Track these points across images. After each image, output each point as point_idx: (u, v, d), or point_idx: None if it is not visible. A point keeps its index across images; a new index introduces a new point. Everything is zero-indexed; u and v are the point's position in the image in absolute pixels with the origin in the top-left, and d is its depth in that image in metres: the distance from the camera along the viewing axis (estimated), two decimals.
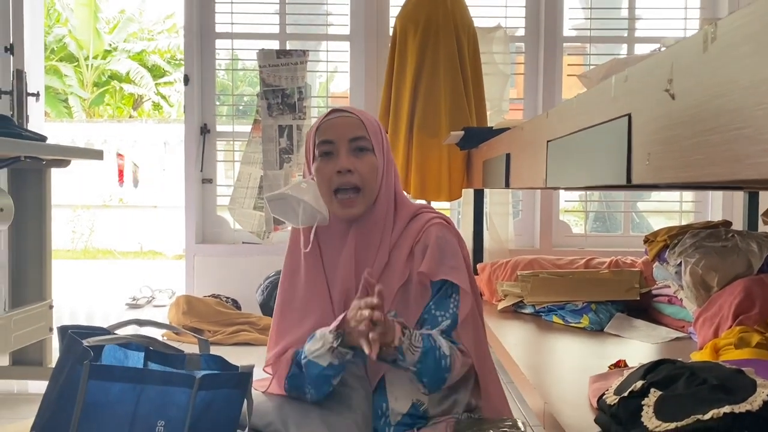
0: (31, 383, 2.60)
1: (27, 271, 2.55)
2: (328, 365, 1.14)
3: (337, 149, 1.23)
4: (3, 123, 2.19)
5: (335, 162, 1.23)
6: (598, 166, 1.05)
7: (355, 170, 1.22)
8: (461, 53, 3.10)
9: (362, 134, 1.24)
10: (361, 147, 1.24)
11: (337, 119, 1.26)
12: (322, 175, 1.24)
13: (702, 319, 1.79)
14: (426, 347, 1.12)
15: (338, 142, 1.23)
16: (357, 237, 1.25)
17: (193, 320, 3.27)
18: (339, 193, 1.23)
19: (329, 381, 1.17)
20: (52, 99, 12.30)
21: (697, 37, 0.72)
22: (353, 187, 1.22)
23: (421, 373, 1.13)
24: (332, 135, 1.24)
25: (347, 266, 1.24)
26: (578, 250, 3.64)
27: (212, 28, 3.81)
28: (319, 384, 1.17)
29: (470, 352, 1.20)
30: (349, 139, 1.23)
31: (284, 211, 1.26)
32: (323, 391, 1.18)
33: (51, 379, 1.07)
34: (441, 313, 1.21)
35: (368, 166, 1.24)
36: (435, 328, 1.19)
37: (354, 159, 1.23)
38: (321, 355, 1.14)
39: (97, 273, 6.48)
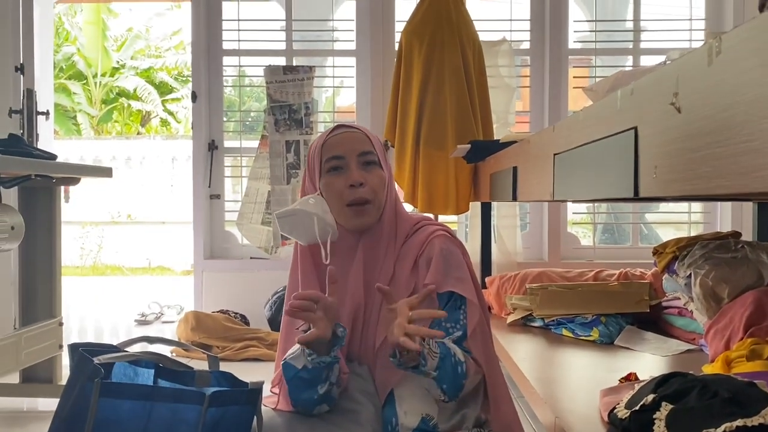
0: (41, 401, 2.60)
1: (37, 288, 2.56)
2: (303, 368, 1.13)
3: (346, 164, 1.24)
4: (14, 142, 2.21)
5: (346, 176, 1.24)
6: (605, 179, 1.05)
7: (366, 183, 1.23)
8: (467, 67, 3.12)
9: (370, 149, 1.26)
10: (370, 161, 1.25)
11: (344, 134, 1.27)
12: (333, 189, 1.24)
13: (713, 331, 1.77)
14: (443, 353, 1.13)
15: (347, 156, 1.24)
16: (365, 251, 1.26)
17: (201, 336, 3.27)
18: (351, 206, 1.24)
19: (309, 386, 1.15)
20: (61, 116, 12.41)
21: (702, 50, 0.72)
22: (365, 201, 1.23)
23: (441, 379, 1.13)
24: (341, 150, 1.25)
25: (356, 281, 1.24)
26: (587, 262, 3.63)
27: (219, 45, 3.85)
28: (298, 388, 1.16)
29: (481, 363, 1.20)
30: (358, 153, 1.25)
31: (293, 228, 1.26)
32: (304, 398, 1.16)
33: (62, 396, 1.07)
34: (451, 324, 1.21)
35: (378, 179, 1.25)
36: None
37: (364, 173, 1.24)
38: (296, 357, 1.15)
39: (105, 289, 6.50)
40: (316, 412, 1.20)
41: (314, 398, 1.16)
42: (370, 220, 1.25)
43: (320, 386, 1.15)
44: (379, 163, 1.27)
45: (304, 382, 1.15)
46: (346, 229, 1.27)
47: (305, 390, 1.16)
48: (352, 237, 1.27)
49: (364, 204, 1.23)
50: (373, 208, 1.25)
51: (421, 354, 1.09)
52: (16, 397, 2.58)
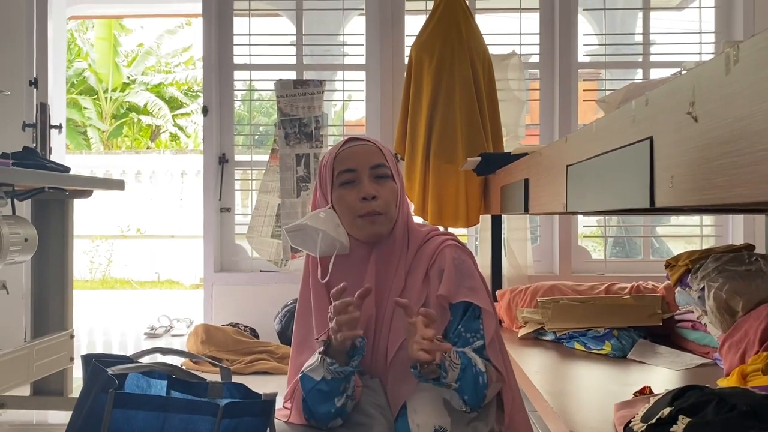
0: (51, 413, 2.60)
1: (49, 300, 2.57)
2: (321, 379, 1.14)
3: (359, 177, 1.24)
4: (28, 155, 2.23)
5: (358, 189, 1.24)
6: (620, 190, 1.05)
7: (379, 196, 1.23)
8: (476, 80, 3.13)
9: (382, 161, 1.26)
10: (382, 174, 1.26)
11: (356, 147, 1.27)
12: (345, 202, 1.24)
13: (727, 345, 1.76)
14: (464, 363, 1.13)
15: (360, 169, 1.24)
16: (377, 264, 1.26)
17: (211, 349, 3.27)
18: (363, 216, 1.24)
19: (327, 399, 1.15)
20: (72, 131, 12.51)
21: (719, 59, 0.72)
22: (377, 214, 1.23)
23: (462, 390, 1.13)
24: (353, 163, 1.25)
25: (368, 299, 1.24)
26: (598, 275, 3.61)
27: (230, 60, 3.88)
28: (315, 400, 1.16)
29: (502, 371, 1.20)
30: (371, 166, 1.25)
31: (303, 241, 1.27)
32: (322, 412, 1.16)
33: (75, 407, 1.07)
34: (471, 334, 1.21)
35: (390, 192, 1.25)
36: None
37: (377, 185, 1.24)
38: (314, 369, 1.15)
39: (115, 303, 6.52)
40: (330, 425, 1.19)
41: (331, 411, 1.16)
42: (383, 230, 1.25)
43: (337, 399, 1.15)
44: (392, 175, 1.27)
45: (323, 395, 1.15)
46: (358, 240, 1.27)
47: (323, 403, 1.16)
48: (364, 249, 1.27)
49: (377, 215, 1.24)
50: (385, 219, 1.25)
51: (441, 366, 1.09)
52: (26, 410, 2.58)
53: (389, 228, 1.26)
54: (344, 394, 1.16)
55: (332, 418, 1.18)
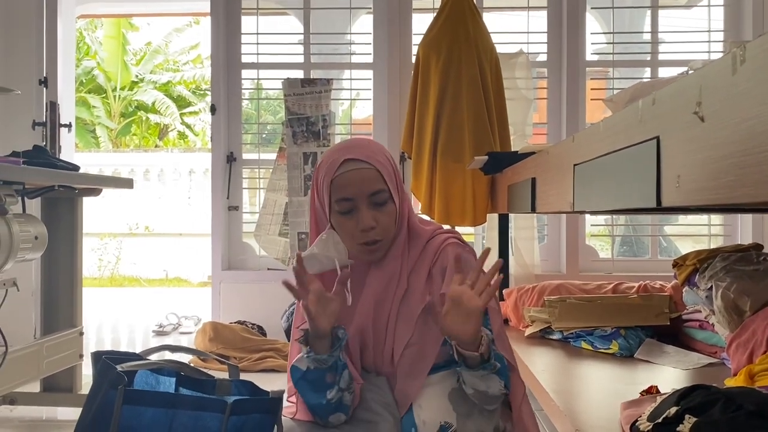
0: (60, 410, 2.62)
1: (58, 298, 2.59)
2: (306, 369, 1.16)
3: (357, 206, 1.22)
4: (38, 153, 2.25)
5: (356, 219, 1.22)
6: (627, 189, 1.05)
7: (378, 224, 1.23)
8: (484, 79, 3.13)
9: (381, 187, 1.22)
10: (381, 201, 1.23)
11: (352, 173, 1.21)
12: (344, 230, 1.24)
13: (735, 345, 1.75)
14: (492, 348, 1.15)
15: (358, 199, 1.22)
16: (375, 271, 1.27)
17: (219, 347, 3.28)
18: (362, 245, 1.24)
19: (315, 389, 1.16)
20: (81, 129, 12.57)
21: (726, 59, 0.72)
22: (375, 242, 1.24)
23: (501, 372, 1.15)
24: (351, 192, 1.21)
25: (366, 305, 1.25)
26: (605, 275, 3.60)
27: (238, 58, 3.89)
28: (304, 391, 1.17)
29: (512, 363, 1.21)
30: (369, 194, 1.22)
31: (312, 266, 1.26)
32: (313, 403, 1.18)
33: (85, 403, 1.08)
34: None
35: (388, 216, 1.24)
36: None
37: (375, 213, 1.23)
38: (300, 359, 1.18)
39: (123, 300, 6.55)
40: (333, 420, 1.20)
41: (323, 403, 1.17)
42: (381, 255, 1.26)
43: (328, 391, 1.16)
44: (391, 196, 1.24)
45: (310, 385, 1.17)
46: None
47: (311, 393, 1.17)
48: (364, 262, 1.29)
49: (375, 243, 1.24)
50: (384, 245, 1.25)
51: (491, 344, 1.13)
52: (36, 406, 2.60)
53: (388, 247, 1.27)
54: (335, 387, 1.16)
55: (328, 411, 1.19)
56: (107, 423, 1.02)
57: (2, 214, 1.91)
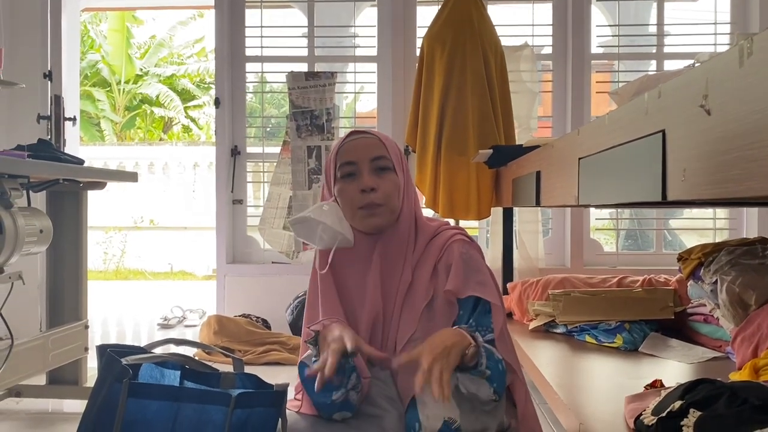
0: (66, 402, 2.64)
1: (63, 291, 2.60)
2: None
3: (359, 170, 1.25)
4: (43, 147, 2.25)
5: (358, 182, 1.24)
6: (632, 183, 1.04)
7: (378, 188, 1.24)
8: (488, 72, 3.11)
9: (383, 153, 1.26)
10: (383, 166, 1.26)
11: (357, 141, 1.27)
12: (346, 195, 1.25)
13: (740, 339, 1.75)
14: (488, 351, 1.14)
15: (360, 162, 1.25)
16: (381, 257, 1.26)
17: (224, 340, 3.29)
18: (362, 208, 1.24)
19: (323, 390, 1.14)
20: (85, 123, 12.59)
21: (733, 51, 0.71)
22: (376, 206, 1.24)
23: (492, 378, 1.14)
24: (353, 156, 1.25)
25: (374, 288, 1.25)
26: (610, 268, 3.60)
27: (242, 51, 3.89)
28: (311, 389, 1.16)
29: (512, 363, 1.21)
30: (371, 158, 1.25)
31: (308, 234, 1.27)
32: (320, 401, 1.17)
33: (90, 397, 1.08)
34: (483, 328, 1.21)
35: (390, 183, 1.25)
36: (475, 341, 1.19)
37: (376, 178, 1.25)
38: (308, 357, 1.18)
39: (128, 293, 6.57)
40: (338, 417, 1.20)
41: (327, 403, 1.17)
42: (383, 221, 1.25)
43: (334, 392, 1.15)
44: (394, 168, 1.26)
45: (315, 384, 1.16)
46: (362, 233, 1.28)
47: (318, 392, 1.16)
48: (368, 243, 1.27)
49: (376, 207, 1.24)
50: (385, 211, 1.25)
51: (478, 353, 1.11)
52: (42, 398, 2.62)
53: (391, 220, 1.26)
54: (341, 389, 1.15)
55: (332, 410, 1.18)
56: (112, 416, 1.03)
57: (7, 207, 1.92)
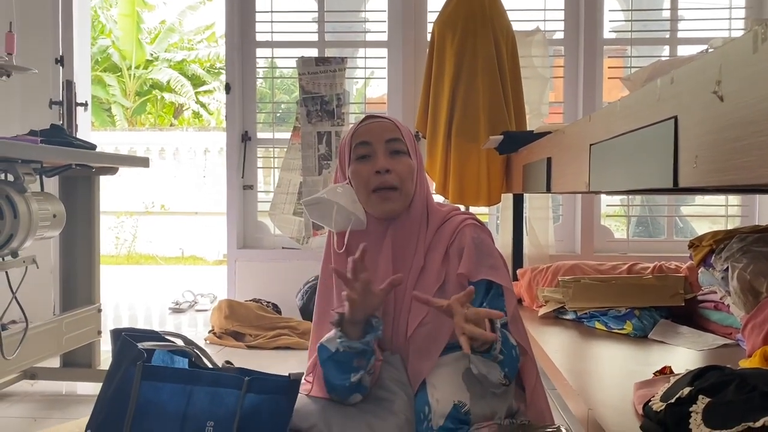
0: (79, 385, 2.67)
1: (77, 275, 2.62)
2: (335, 351, 1.16)
3: (374, 151, 1.26)
4: (56, 132, 2.27)
5: (373, 163, 1.25)
6: (643, 169, 1.04)
7: (392, 170, 1.24)
8: (500, 57, 3.09)
9: (398, 136, 1.28)
10: (398, 149, 1.27)
11: (372, 123, 1.29)
12: (360, 176, 1.26)
13: (750, 326, 1.74)
14: (503, 336, 1.15)
15: (375, 143, 1.26)
16: (393, 240, 1.27)
17: (234, 324, 3.32)
18: (377, 191, 1.25)
19: (341, 371, 1.17)
20: (96, 108, 12.64)
21: (747, 37, 0.71)
22: (391, 187, 1.24)
23: (504, 363, 1.14)
24: (369, 137, 1.27)
25: (386, 272, 1.25)
26: (620, 255, 3.59)
27: (253, 37, 3.88)
28: (330, 371, 1.18)
29: (525, 346, 1.22)
30: (386, 140, 1.27)
31: (322, 215, 1.29)
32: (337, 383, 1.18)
33: (105, 379, 1.10)
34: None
35: (405, 166, 1.26)
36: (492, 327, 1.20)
37: (391, 160, 1.26)
38: (330, 339, 1.18)
39: (140, 278, 6.63)
40: (351, 400, 1.22)
41: (346, 385, 1.18)
42: (397, 206, 1.26)
43: (353, 374, 1.17)
44: (408, 152, 1.28)
45: (337, 365, 1.18)
46: (375, 217, 1.28)
47: (337, 374, 1.18)
48: (380, 226, 1.28)
49: (390, 190, 1.24)
50: (399, 195, 1.25)
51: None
52: (56, 381, 2.65)
53: (404, 205, 1.27)
54: (360, 371, 1.17)
55: (349, 392, 1.20)
56: (127, 398, 1.04)
57: (21, 192, 1.94)
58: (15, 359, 2.10)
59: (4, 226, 1.86)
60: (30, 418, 2.29)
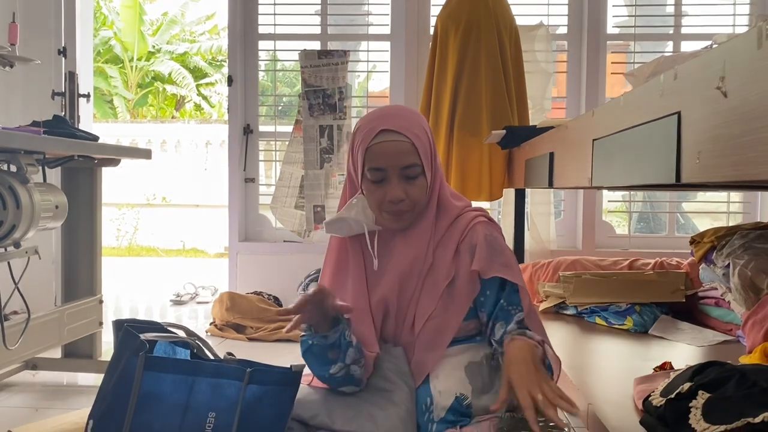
0: (80, 375, 2.69)
1: (78, 266, 2.63)
2: (312, 344, 1.19)
3: (387, 176, 1.22)
4: (59, 123, 2.27)
5: (386, 189, 1.22)
6: (646, 165, 1.04)
7: (406, 197, 1.23)
8: (503, 52, 3.09)
9: (414, 161, 1.22)
10: (412, 175, 1.23)
11: (388, 144, 1.21)
12: (373, 198, 1.25)
13: (751, 322, 1.75)
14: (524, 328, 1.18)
15: (389, 170, 1.22)
16: (402, 241, 1.27)
17: (236, 316, 3.33)
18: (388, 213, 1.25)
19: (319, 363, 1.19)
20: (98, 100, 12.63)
21: (751, 33, 0.71)
22: (403, 212, 1.24)
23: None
24: (383, 163, 1.21)
25: (392, 278, 1.26)
26: (622, 251, 3.59)
27: (255, 29, 3.88)
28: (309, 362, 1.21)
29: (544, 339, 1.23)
30: (401, 167, 1.22)
31: (337, 229, 1.30)
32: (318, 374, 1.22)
33: (107, 370, 1.10)
34: (513, 307, 1.22)
35: (418, 189, 1.24)
36: (508, 321, 1.21)
37: (405, 185, 1.22)
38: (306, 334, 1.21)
39: (141, 270, 6.64)
40: (346, 391, 1.23)
41: (327, 376, 1.21)
42: (407, 224, 1.27)
43: (331, 366, 1.19)
44: (423, 171, 1.24)
45: (314, 358, 1.20)
46: None
47: (316, 366, 1.21)
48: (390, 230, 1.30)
49: (402, 213, 1.24)
50: (411, 215, 1.25)
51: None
52: (58, 371, 2.66)
53: (414, 217, 1.27)
54: (337, 363, 1.18)
55: (334, 382, 1.22)
56: (129, 388, 1.05)
57: (24, 183, 1.94)
58: (17, 349, 2.11)
59: (7, 216, 1.86)
60: (31, 408, 2.30)
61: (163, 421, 1.02)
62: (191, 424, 1.02)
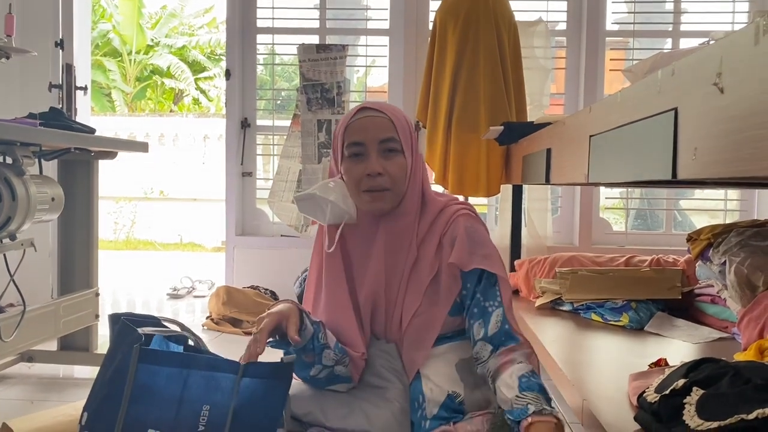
0: (77, 368, 2.68)
1: (75, 259, 2.62)
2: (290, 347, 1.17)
3: (366, 151, 1.22)
4: (56, 115, 2.26)
5: (365, 164, 1.22)
6: (643, 161, 1.04)
7: (385, 172, 1.22)
8: (501, 47, 3.08)
9: (392, 135, 1.23)
10: (391, 148, 1.23)
11: (366, 119, 1.24)
12: (352, 176, 1.24)
13: (747, 320, 1.75)
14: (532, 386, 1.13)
15: (368, 143, 1.22)
16: (386, 237, 1.26)
17: (232, 310, 3.33)
18: (368, 192, 1.24)
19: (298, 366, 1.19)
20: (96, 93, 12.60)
21: (748, 29, 0.71)
22: (382, 189, 1.23)
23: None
24: (362, 136, 1.23)
25: (377, 265, 1.25)
26: (618, 247, 3.59)
27: (254, 23, 3.87)
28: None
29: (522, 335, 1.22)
30: (379, 140, 1.22)
31: (313, 210, 1.27)
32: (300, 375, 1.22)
33: (103, 363, 1.10)
34: (490, 303, 1.21)
35: (397, 167, 1.23)
36: (486, 317, 1.20)
37: (384, 161, 1.22)
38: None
39: (138, 263, 6.63)
40: (341, 389, 1.23)
41: (308, 378, 1.21)
42: (387, 206, 1.24)
43: (311, 368, 1.19)
44: (402, 149, 1.24)
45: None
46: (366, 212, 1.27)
47: (296, 369, 1.20)
48: (372, 220, 1.27)
49: (382, 191, 1.23)
50: (391, 195, 1.24)
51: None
52: (54, 364, 2.66)
53: (395, 202, 1.25)
54: (316, 365, 1.18)
55: (319, 383, 1.22)
56: (124, 381, 1.05)
57: (20, 175, 1.93)
58: (12, 342, 2.10)
59: (2, 208, 1.86)
60: (27, 400, 2.30)
61: (158, 413, 1.02)
62: (186, 417, 1.02)
